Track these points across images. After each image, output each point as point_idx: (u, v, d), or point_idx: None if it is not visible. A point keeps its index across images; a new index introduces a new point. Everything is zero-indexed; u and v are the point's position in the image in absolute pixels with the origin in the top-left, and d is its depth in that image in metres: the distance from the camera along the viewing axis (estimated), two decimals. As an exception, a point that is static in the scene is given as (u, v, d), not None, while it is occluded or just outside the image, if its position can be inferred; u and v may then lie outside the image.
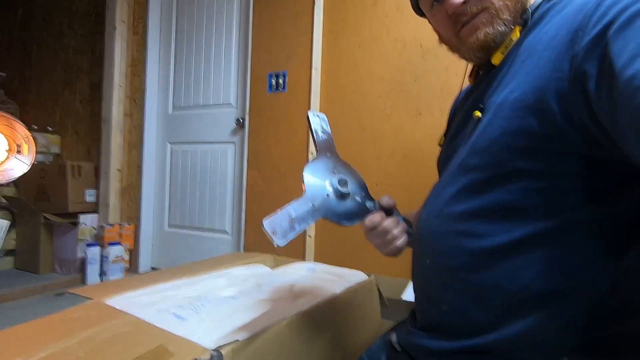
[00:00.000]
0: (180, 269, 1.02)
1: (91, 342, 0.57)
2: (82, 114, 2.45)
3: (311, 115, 0.67)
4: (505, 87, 0.44)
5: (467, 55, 0.52)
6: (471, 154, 0.45)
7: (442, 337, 0.47)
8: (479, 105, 0.47)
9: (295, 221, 0.52)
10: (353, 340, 0.81)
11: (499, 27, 0.47)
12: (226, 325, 0.62)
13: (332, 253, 1.64)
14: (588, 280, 0.39)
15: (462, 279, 0.45)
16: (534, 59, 0.42)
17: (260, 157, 1.86)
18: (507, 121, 0.41)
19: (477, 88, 0.54)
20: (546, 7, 0.46)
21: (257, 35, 1.88)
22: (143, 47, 2.24)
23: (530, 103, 0.39)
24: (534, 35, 0.45)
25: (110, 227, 2.07)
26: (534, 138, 0.39)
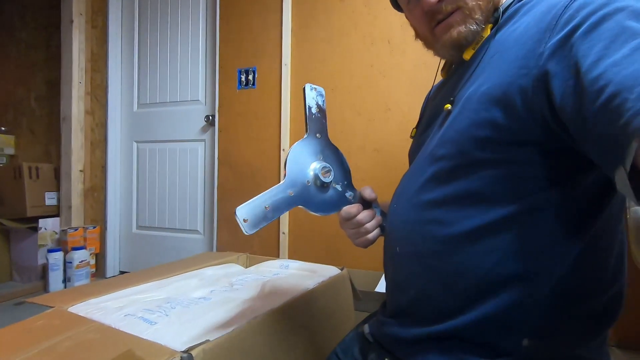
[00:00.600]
0: (150, 272, 0.99)
1: (54, 351, 0.54)
2: (38, 112, 2.31)
3: (308, 88, 0.62)
4: (474, 81, 0.46)
5: (441, 52, 0.54)
6: (439, 144, 0.47)
7: (411, 323, 0.48)
8: (449, 99, 0.49)
9: (269, 209, 0.52)
10: (327, 333, 0.82)
11: (471, 26, 0.49)
12: (196, 326, 0.61)
13: (306, 249, 1.65)
14: (548, 263, 0.41)
15: (430, 265, 0.46)
16: (503, 55, 0.44)
17: (232, 154, 1.83)
18: (474, 113, 0.43)
19: (448, 82, 0.56)
20: (517, 6, 0.48)
21: (225, 30, 1.84)
22: (103, 42, 2.13)
23: (497, 96, 0.41)
24: (503, 33, 0.47)
25: (74, 230, 1.98)
26: (498, 129, 0.41)
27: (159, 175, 2.07)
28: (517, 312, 0.42)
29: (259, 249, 1.73)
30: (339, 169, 0.60)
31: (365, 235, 0.61)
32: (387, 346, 0.52)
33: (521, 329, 0.42)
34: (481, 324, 0.43)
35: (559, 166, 0.40)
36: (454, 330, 0.44)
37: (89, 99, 2.14)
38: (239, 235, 1.80)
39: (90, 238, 2.03)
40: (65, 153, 2.07)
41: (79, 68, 2.08)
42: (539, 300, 0.41)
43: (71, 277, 1.85)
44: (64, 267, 1.87)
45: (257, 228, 0.51)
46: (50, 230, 2.01)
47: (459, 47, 0.51)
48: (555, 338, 0.42)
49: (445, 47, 0.52)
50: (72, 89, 2.05)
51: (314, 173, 0.57)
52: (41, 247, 1.95)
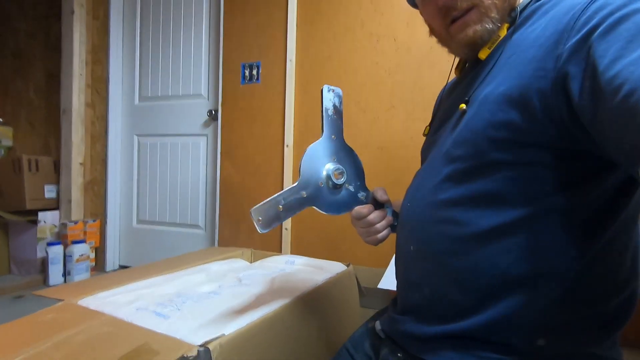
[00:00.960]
0: (154, 266, 0.99)
1: (67, 344, 0.54)
2: (37, 104, 2.28)
3: (325, 90, 0.62)
4: (491, 82, 0.46)
5: (455, 50, 0.54)
6: (455, 145, 0.47)
7: (424, 321, 0.49)
8: (464, 98, 0.49)
9: (282, 210, 0.54)
10: (335, 328, 0.83)
11: (487, 25, 0.49)
12: (210, 320, 0.62)
13: (308, 245, 1.65)
14: (563, 264, 0.41)
15: (445, 264, 0.47)
16: (520, 56, 0.43)
17: (234, 150, 1.82)
18: (491, 114, 0.43)
19: (462, 81, 0.56)
20: (534, 6, 0.48)
21: (229, 24, 1.83)
22: (105, 33, 2.11)
23: (514, 98, 0.41)
24: (521, 33, 0.47)
25: (74, 224, 1.96)
26: (515, 131, 0.41)
27: (160, 170, 2.06)
28: (531, 312, 0.42)
29: (261, 245, 1.73)
30: (352, 170, 0.61)
31: (375, 234, 0.62)
32: (399, 342, 0.52)
33: (535, 328, 0.42)
34: (495, 323, 0.43)
35: (575, 169, 0.41)
36: (468, 330, 0.44)
37: (90, 92, 2.12)
38: (241, 231, 1.80)
39: (90, 232, 2.02)
40: (65, 146, 2.05)
41: (80, 60, 2.06)
42: (553, 300, 0.42)
43: (71, 271, 1.84)
44: (64, 260, 1.86)
45: (270, 227, 0.54)
46: (50, 223, 1.99)
47: (474, 45, 0.51)
48: (569, 337, 0.43)
49: (461, 45, 0.51)
50: (73, 81, 2.03)
51: (327, 174, 0.58)
52: (40, 241, 1.94)
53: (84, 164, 2.10)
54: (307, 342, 0.73)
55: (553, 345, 0.42)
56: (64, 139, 2.05)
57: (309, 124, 1.66)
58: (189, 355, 0.50)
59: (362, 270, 1.29)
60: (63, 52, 2.05)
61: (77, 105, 2.05)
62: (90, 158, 2.13)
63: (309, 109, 1.67)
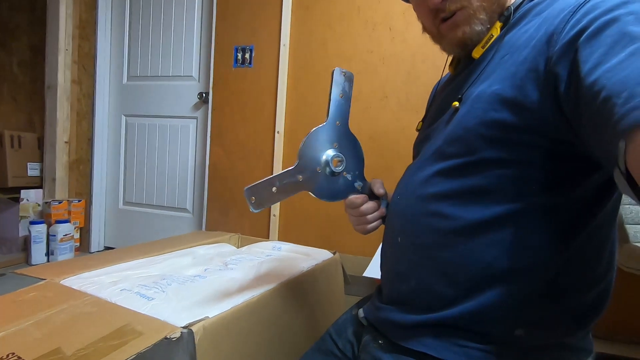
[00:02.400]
0: (141, 248, 0.98)
1: (49, 323, 0.54)
2: (21, 79, 2.21)
3: (337, 73, 0.59)
4: (484, 80, 0.46)
5: (447, 48, 0.55)
6: (447, 141, 0.48)
7: (409, 310, 0.50)
8: (457, 96, 0.49)
9: (276, 192, 0.54)
10: (319, 315, 0.84)
11: (475, 27, 0.49)
12: (195, 303, 0.62)
13: (296, 232, 1.66)
14: (544, 260, 0.43)
15: (431, 257, 0.48)
16: (513, 56, 0.44)
17: (224, 134, 1.80)
18: (483, 112, 0.44)
19: (456, 78, 0.56)
20: (527, 6, 0.48)
21: (222, 4, 1.78)
22: (93, 8, 2.03)
23: (507, 98, 0.42)
24: (514, 33, 0.47)
25: (58, 203, 1.93)
26: (507, 130, 0.42)
27: (148, 151, 2.02)
28: (512, 304, 0.43)
29: (249, 230, 1.73)
30: (352, 158, 0.60)
31: (365, 224, 0.63)
32: (381, 330, 0.53)
33: (515, 319, 0.44)
34: (477, 313, 0.44)
35: (562, 169, 0.42)
36: (451, 319, 0.46)
37: (76, 68, 2.05)
38: (229, 216, 1.79)
39: (74, 212, 1.99)
40: (49, 123, 1.99)
41: (66, 34, 1.99)
42: (533, 293, 0.43)
43: (54, 251, 1.81)
44: (47, 240, 1.83)
45: (262, 207, 0.54)
46: (33, 201, 1.95)
47: (464, 46, 0.52)
48: (546, 328, 0.44)
49: (452, 44, 0.53)
50: (58, 56, 1.96)
51: (326, 160, 0.57)
52: (23, 219, 1.90)
53: (69, 142, 2.05)
54: (291, 328, 0.74)
55: (530, 335, 0.44)
56: (48, 115, 1.99)
57: (301, 111, 1.65)
58: (172, 336, 0.50)
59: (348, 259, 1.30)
60: (48, 25, 1.98)
61: (63, 81, 1.99)
62: (76, 136, 2.08)
63: (299, 96, 1.66)
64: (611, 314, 0.51)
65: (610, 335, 1.22)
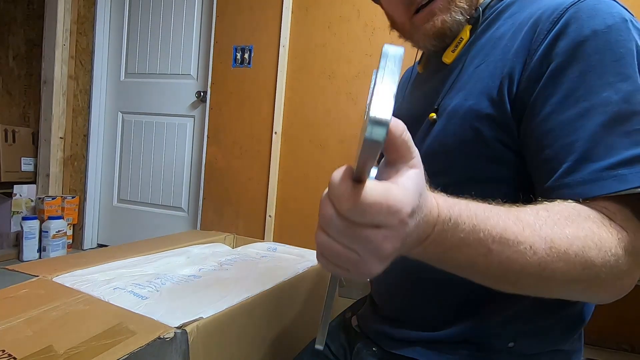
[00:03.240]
0: (135, 246, 0.97)
1: (40, 320, 0.53)
2: (16, 72, 2.19)
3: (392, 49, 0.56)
4: (459, 91, 0.45)
5: (421, 42, 0.50)
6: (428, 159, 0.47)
7: (400, 326, 0.49)
8: (433, 106, 0.48)
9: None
10: (313, 317, 0.84)
11: (456, 16, 0.46)
12: (188, 303, 0.61)
13: (291, 233, 1.66)
14: None
15: (417, 279, 0.47)
16: (489, 67, 0.43)
17: (221, 133, 1.80)
18: (461, 129, 0.43)
19: (428, 82, 0.54)
20: (499, 7, 0.47)
21: (222, 4, 1.78)
22: (92, 3, 2.02)
23: (483, 113, 0.42)
24: (487, 38, 0.46)
25: (51, 199, 1.91)
26: (483, 146, 0.42)
27: (144, 149, 2.01)
28: (504, 320, 0.44)
29: (244, 231, 1.72)
30: None
31: None
32: (374, 339, 0.53)
33: (507, 333, 0.44)
34: (467, 332, 0.45)
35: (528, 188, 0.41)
36: (444, 337, 0.46)
37: (73, 63, 2.04)
38: (224, 216, 1.79)
39: (68, 208, 1.97)
40: (45, 118, 1.98)
41: (64, 29, 1.97)
42: (523, 309, 0.43)
43: (47, 247, 1.79)
44: (40, 236, 1.81)
45: None
46: (26, 197, 1.93)
47: (442, 37, 0.48)
48: (539, 338, 0.45)
49: (428, 36, 0.48)
50: (56, 51, 1.94)
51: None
52: (15, 215, 1.88)
53: (64, 138, 2.03)
54: (285, 329, 0.74)
55: (522, 346, 0.44)
56: (44, 110, 1.98)
57: (299, 112, 1.65)
58: (165, 336, 0.50)
59: (343, 261, 1.31)
60: (46, 20, 1.96)
61: (59, 76, 1.97)
62: (71, 132, 2.06)
63: (298, 98, 1.66)
64: (600, 320, 0.52)
65: (599, 341, 1.23)
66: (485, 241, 0.30)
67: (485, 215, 0.30)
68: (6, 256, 1.82)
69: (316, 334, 0.64)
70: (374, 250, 0.23)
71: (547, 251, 0.30)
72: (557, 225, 0.31)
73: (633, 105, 0.34)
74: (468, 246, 0.30)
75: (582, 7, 0.37)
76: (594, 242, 0.31)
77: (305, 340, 0.74)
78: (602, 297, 0.35)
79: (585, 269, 0.31)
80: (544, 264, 0.30)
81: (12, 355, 0.45)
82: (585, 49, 0.36)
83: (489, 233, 0.30)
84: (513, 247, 0.30)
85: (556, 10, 0.39)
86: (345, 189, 0.22)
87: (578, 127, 0.35)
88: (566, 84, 0.36)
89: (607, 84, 0.35)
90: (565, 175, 0.35)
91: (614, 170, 0.33)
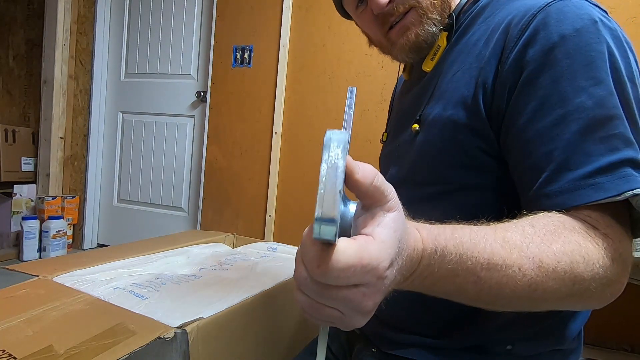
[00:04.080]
0: (135, 246, 0.98)
1: (41, 320, 0.53)
2: (16, 72, 2.18)
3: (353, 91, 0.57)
4: (438, 100, 0.45)
5: (399, 56, 0.51)
6: (413, 170, 0.47)
7: (400, 331, 0.49)
8: (415, 116, 0.48)
9: None
10: (313, 317, 0.84)
11: (429, 28, 0.46)
12: (188, 303, 0.62)
13: (291, 233, 1.66)
14: None
15: None
16: (464, 75, 0.43)
17: (221, 133, 1.80)
18: (441, 140, 0.43)
19: (412, 88, 0.54)
20: (473, 11, 0.47)
21: (222, 4, 1.78)
22: (92, 3, 2.02)
23: (461, 123, 0.42)
24: (463, 44, 0.46)
25: (51, 199, 1.91)
26: (465, 154, 0.42)
27: (144, 149, 2.01)
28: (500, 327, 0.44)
29: (243, 231, 1.72)
30: None
31: None
32: (374, 341, 0.53)
33: (506, 337, 0.44)
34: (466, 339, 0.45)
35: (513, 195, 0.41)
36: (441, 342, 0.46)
37: (73, 63, 2.04)
38: (224, 216, 1.79)
39: (68, 208, 1.97)
40: (45, 118, 1.98)
41: (64, 29, 1.97)
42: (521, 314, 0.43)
43: (47, 247, 1.79)
44: (40, 236, 1.81)
45: None
46: (26, 197, 1.93)
47: (418, 50, 0.48)
48: (537, 341, 0.45)
49: (404, 51, 0.48)
50: (56, 51, 1.94)
51: None
52: (15, 215, 1.88)
53: (64, 138, 2.03)
54: (285, 329, 0.74)
55: (521, 348, 0.45)
56: (44, 110, 1.98)
57: (299, 112, 1.65)
58: (165, 336, 0.50)
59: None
60: (46, 19, 1.96)
61: (60, 76, 1.97)
62: (72, 132, 2.06)
63: (298, 97, 1.66)
64: (600, 320, 0.52)
65: (599, 341, 1.23)
66: (473, 269, 0.29)
67: (471, 242, 0.30)
68: (6, 256, 1.82)
69: (315, 335, 0.63)
70: (356, 307, 0.23)
71: (536, 271, 0.30)
72: (544, 242, 0.31)
73: (607, 109, 0.34)
74: (457, 276, 0.30)
75: (550, 11, 0.37)
76: (582, 256, 0.31)
77: (305, 340, 0.74)
78: (592, 305, 0.35)
79: (576, 284, 0.31)
80: (535, 284, 0.30)
81: (12, 355, 0.45)
82: (555, 55, 0.36)
83: (477, 260, 0.29)
84: (502, 271, 0.30)
85: (525, 15, 0.38)
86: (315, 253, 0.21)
87: (555, 136, 0.35)
88: (540, 91, 0.36)
89: (580, 89, 0.35)
90: (545, 185, 0.35)
91: (592, 179, 0.33)
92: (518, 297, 0.31)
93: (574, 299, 0.33)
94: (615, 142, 0.33)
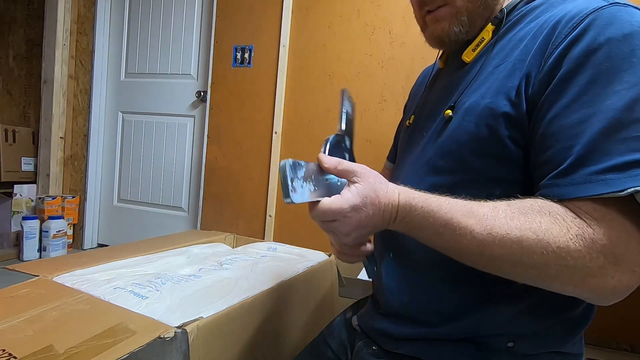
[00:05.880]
0: (135, 246, 0.98)
1: (41, 320, 0.53)
2: (16, 72, 2.18)
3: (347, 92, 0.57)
4: (476, 90, 0.46)
5: (428, 40, 0.55)
6: (440, 154, 0.47)
7: (404, 324, 0.49)
8: (449, 103, 0.48)
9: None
10: (313, 316, 0.84)
11: (454, 27, 0.49)
12: (188, 302, 0.61)
13: (291, 233, 1.66)
14: None
15: (425, 274, 0.48)
16: (507, 67, 0.44)
17: (222, 133, 1.80)
18: (476, 127, 0.44)
19: (447, 78, 0.55)
20: (524, 10, 0.47)
21: (222, 3, 1.78)
22: (92, 3, 2.02)
23: (499, 112, 0.42)
24: (508, 39, 0.46)
25: (52, 199, 1.91)
26: (499, 145, 0.42)
27: (144, 149, 2.01)
28: (503, 322, 0.44)
29: (244, 231, 1.72)
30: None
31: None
32: (374, 338, 0.53)
33: (508, 333, 0.44)
34: (469, 330, 0.45)
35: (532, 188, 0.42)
36: (445, 334, 0.46)
37: (73, 63, 2.04)
38: (224, 216, 1.79)
39: (68, 208, 1.97)
40: (45, 118, 1.98)
41: (64, 29, 1.97)
42: (522, 311, 0.44)
43: (47, 247, 1.80)
44: (40, 236, 1.82)
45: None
46: (26, 197, 1.93)
47: (440, 43, 0.52)
48: (539, 340, 0.45)
49: (431, 38, 0.53)
50: (56, 51, 1.94)
51: None
52: (15, 214, 1.88)
53: (64, 138, 2.03)
54: (285, 329, 0.74)
55: (522, 346, 0.45)
56: (44, 110, 1.98)
57: (299, 112, 1.65)
58: (165, 336, 0.50)
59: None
60: (46, 19, 1.96)
61: (60, 76, 1.97)
62: (72, 132, 2.06)
63: (298, 97, 1.66)
64: (600, 320, 0.52)
65: (599, 341, 1.23)
66: (434, 224, 0.39)
67: (438, 206, 0.39)
68: (6, 256, 1.82)
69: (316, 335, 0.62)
70: (338, 232, 0.42)
71: (485, 236, 0.37)
72: (505, 217, 0.37)
73: (635, 113, 0.34)
74: (424, 227, 0.40)
75: (602, 14, 0.37)
76: (534, 232, 0.35)
77: (305, 340, 0.74)
78: (577, 292, 0.36)
79: (524, 255, 0.35)
80: (482, 246, 0.37)
81: (12, 355, 0.45)
82: (597, 57, 0.36)
83: (437, 218, 0.39)
84: (456, 230, 0.38)
85: (577, 15, 0.39)
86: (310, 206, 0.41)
87: (579, 132, 0.36)
88: (573, 89, 0.37)
89: (613, 92, 0.35)
90: (559, 176, 0.36)
91: (603, 175, 0.34)
92: (472, 253, 0.38)
93: (533, 271, 0.36)
94: (636, 144, 0.34)
